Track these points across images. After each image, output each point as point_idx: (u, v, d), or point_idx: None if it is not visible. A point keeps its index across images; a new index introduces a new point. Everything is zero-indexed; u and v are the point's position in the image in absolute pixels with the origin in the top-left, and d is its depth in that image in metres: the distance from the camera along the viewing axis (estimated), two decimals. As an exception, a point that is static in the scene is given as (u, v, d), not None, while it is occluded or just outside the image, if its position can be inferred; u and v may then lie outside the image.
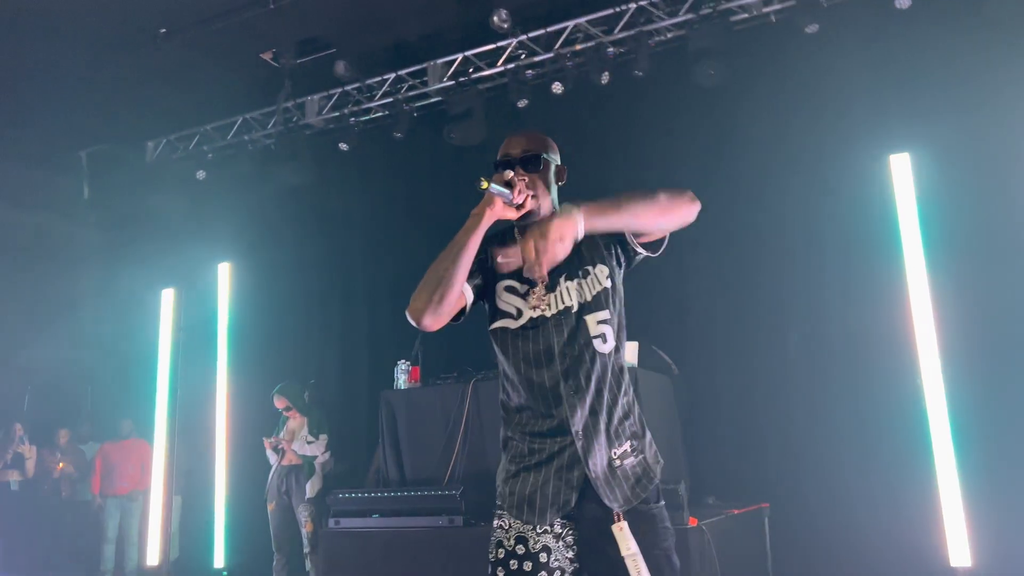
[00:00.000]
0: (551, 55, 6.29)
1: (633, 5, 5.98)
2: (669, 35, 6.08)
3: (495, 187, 1.94)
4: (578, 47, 6.21)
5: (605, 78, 5.98)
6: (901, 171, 5.17)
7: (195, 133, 7.79)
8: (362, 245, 7.42)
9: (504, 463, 2.09)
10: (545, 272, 2.01)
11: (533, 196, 2.04)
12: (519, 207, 2.01)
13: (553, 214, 2.08)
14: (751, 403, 5.54)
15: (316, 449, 6.11)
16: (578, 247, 2.05)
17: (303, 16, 6.22)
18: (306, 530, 5.98)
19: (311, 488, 6.00)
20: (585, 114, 6.42)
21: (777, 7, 5.75)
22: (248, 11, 6.08)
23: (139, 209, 7.79)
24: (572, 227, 1.93)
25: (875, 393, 5.08)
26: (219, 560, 7.08)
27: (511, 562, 1.97)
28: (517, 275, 2.10)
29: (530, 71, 6.39)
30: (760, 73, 5.82)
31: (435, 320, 1.97)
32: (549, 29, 6.28)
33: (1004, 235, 4.92)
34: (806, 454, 5.27)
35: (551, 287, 2.06)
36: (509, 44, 6.44)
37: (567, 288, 2.06)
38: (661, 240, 2.15)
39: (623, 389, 2.08)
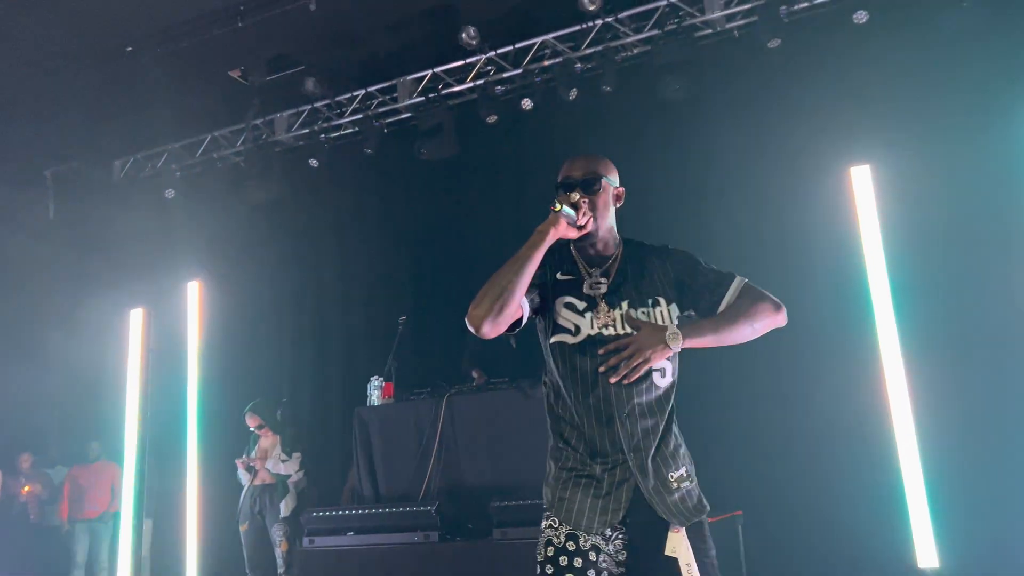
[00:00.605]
0: (520, 71, 6.36)
1: (600, 22, 6.07)
2: (635, 51, 6.18)
3: (566, 210, 2.05)
4: (546, 63, 6.29)
5: (573, 94, 6.06)
6: (862, 182, 5.29)
7: (163, 151, 7.74)
8: (333, 262, 7.40)
9: (554, 470, 2.13)
10: (626, 376, 2.03)
11: (593, 218, 2.13)
12: (580, 228, 2.10)
13: (626, 243, 2.23)
14: (723, 412, 5.60)
15: (290, 467, 6.07)
16: (642, 268, 2.16)
17: (272, 33, 6.22)
18: (281, 550, 5.91)
19: (285, 507, 5.95)
20: (554, 129, 6.49)
21: (740, 23, 5.88)
22: (216, 28, 6.08)
23: (106, 229, 7.70)
24: (665, 355, 2.02)
25: (842, 400, 5.16)
26: (192, 583, 6.98)
27: (561, 558, 2.01)
28: (577, 292, 2.15)
29: (499, 87, 6.46)
30: (724, 87, 5.94)
31: (493, 328, 2.02)
32: (517, 46, 6.36)
33: (962, 244, 5.04)
34: (777, 461, 5.34)
35: (612, 307, 2.12)
36: (478, 60, 6.50)
37: (631, 315, 2.10)
38: None
39: (676, 422, 2.16)
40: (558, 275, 2.19)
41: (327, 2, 5.83)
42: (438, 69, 6.67)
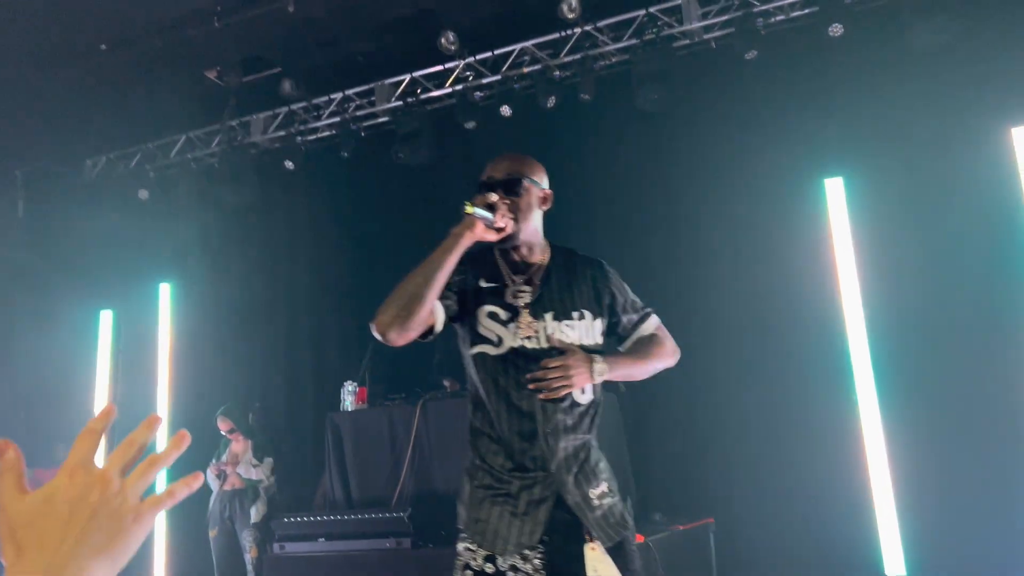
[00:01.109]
0: (498, 77, 6.36)
1: (578, 30, 6.09)
2: (614, 59, 6.21)
3: (479, 211, 1.93)
4: (525, 70, 6.31)
5: (551, 102, 6.08)
6: (835, 195, 5.37)
7: (136, 151, 7.65)
8: (307, 266, 7.35)
9: (469, 489, 2.04)
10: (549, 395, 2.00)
11: (514, 219, 2.03)
12: (499, 230, 2.00)
13: (554, 248, 2.16)
14: (696, 420, 5.64)
15: (261, 473, 6.01)
16: (569, 280, 2.10)
17: (249, 34, 6.17)
18: (251, 555, 5.85)
19: (256, 513, 5.89)
20: (532, 136, 6.50)
21: (717, 34, 5.93)
22: (192, 28, 6.01)
23: (76, 229, 7.59)
24: (588, 381, 2.00)
25: (812, 409, 5.22)
26: (159, 589, 6.89)
27: None
28: (500, 300, 2.06)
29: (478, 93, 6.46)
30: (701, 98, 5.99)
31: (400, 335, 1.92)
32: (496, 52, 6.36)
33: (933, 256, 5.12)
34: (750, 470, 5.39)
35: (535, 317, 2.03)
36: (457, 66, 6.50)
37: (553, 329, 2.03)
38: None
39: (596, 443, 2.10)
40: (481, 282, 2.09)
41: (305, 4, 5.80)
42: (416, 74, 6.66)
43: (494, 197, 2.00)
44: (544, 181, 2.18)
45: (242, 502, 5.97)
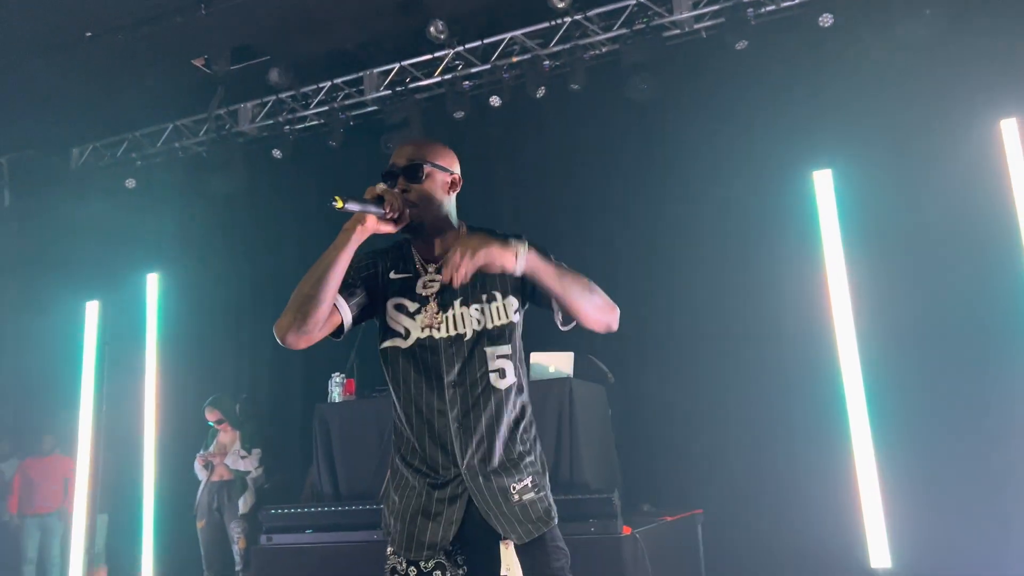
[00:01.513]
0: (488, 66, 6.32)
1: (568, 19, 6.06)
2: (603, 49, 6.18)
3: (352, 204, 1.82)
4: (514, 59, 6.27)
5: (541, 92, 6.05)
6: (824, 187, 5.36)
7: (123, 140, 7.58)
8: (295, 255, 7.29)
9: (390, 492, 1.97)
10: (458, 283, 1.79)
11: (414, 206, 1.94)
12: (396, 221, 1.91)
13: (471, 230, 2.01)
14: (684, 412, 5.65)
15: (249, 464, 5.99)
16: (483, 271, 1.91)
17: (236, 22, 6.11)
18: (239, 547, 5.84)
19: (244, 504, 5.87)
20: (521, 126, 6.48)
21: (708, 24, 5.91)
22: (179, 16, 5.94)
23: (63, 218, 7.53)
24: (510, 260, 1.79)
25: (800, 400, 5.24)
26: (147, 579, 6.87)
27: None
28: (410, 292, 1.98)
29: (467, 82, 6.42)
30: (691, 88, 5.98)
31: (299, 338, 1.85)
32: (486, 41, 6.32)
33: (920, 249, 5.13)
34: (738, 462, 5.40)
35: (443, 306, 1.95)
36: (446, 55, 6.46)
37: (462, 314, 1.95)
38: (569, 321, 2.01)
39: (523, 427, 1.97)
40: (392, 274, 2.01)
41: (293, -8, 5.75)
42: (405, 63, 6.61)
43: (381, 187, 1.92)
44: (454, 166, 2.08)
45: (230, 493, 5.95)
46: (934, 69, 5.24)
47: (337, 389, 5.26)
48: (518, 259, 1.80)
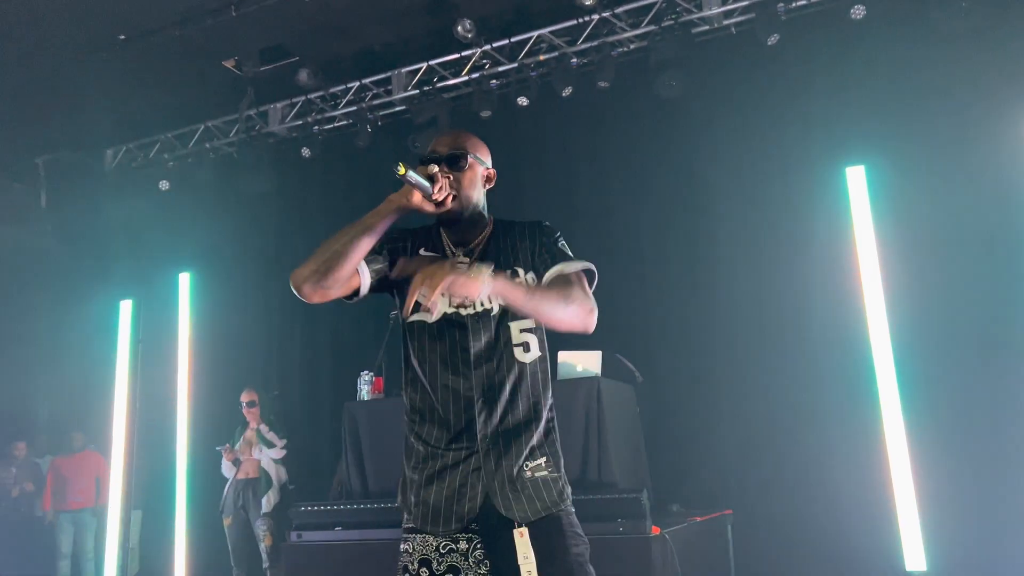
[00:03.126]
0: (515, 65, 6.31)
1: (596, 16, 6.03)
2: (632, 46, 6.14)
3: (412, 175, 1.86)
4: (542, 57, 6.25)
5: (567, 91, 6.03)
6: (857, 183, 5.27)
7: (155, 141, 7.69)
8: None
9: (407, 472, 1.99)
10: (413, 305, 1.79)
11: (455, 196, 1.98)
12: (439, 204, 1.95)
13: (498, 223, 2.08)
14: (714, 411, 5.59)
15: (278, 453, 6.03)
16: (510, 243, 2.02)
17: (266, 23, 6.17)
18: (265, 544, 5.89)
19: (267, 503, 5.92)
20: (548, 124, 6.46)
21: (738, 19, 5.84)
22: (210, 18, 6.01)
23: (97, 218, 7.65)
24: (475, 290, 1.74)
25: (833, 400, 5.16)
26: (180, 574, 6.95)
27: None
28: None
29: (494, 81, 6.42)
30: (720, 84, 5.91)
31: (315, 291, 1.90)
32: (513, 39, 6.31)
33: (956, 247, 5.03)
34: (768, 461, 5.33)
35: None
36: (473, 54, 6.46)
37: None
38: None
39: (546, 404, 2.00)
40: (421, 250, 2.07)
41: (322, -7, 5.79)
42: (433, 62, 6.62)
43: (435, 168, 1.96)
44: (488, 160, 2.13)
45: (255, 491, 6.01)
46: (970, 61, 5.12)
47: (366, 387, 5.28)
48: (482, 288, 1.77)
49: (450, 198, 1.97)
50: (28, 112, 7.04)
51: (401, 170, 1.82)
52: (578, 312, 1.91)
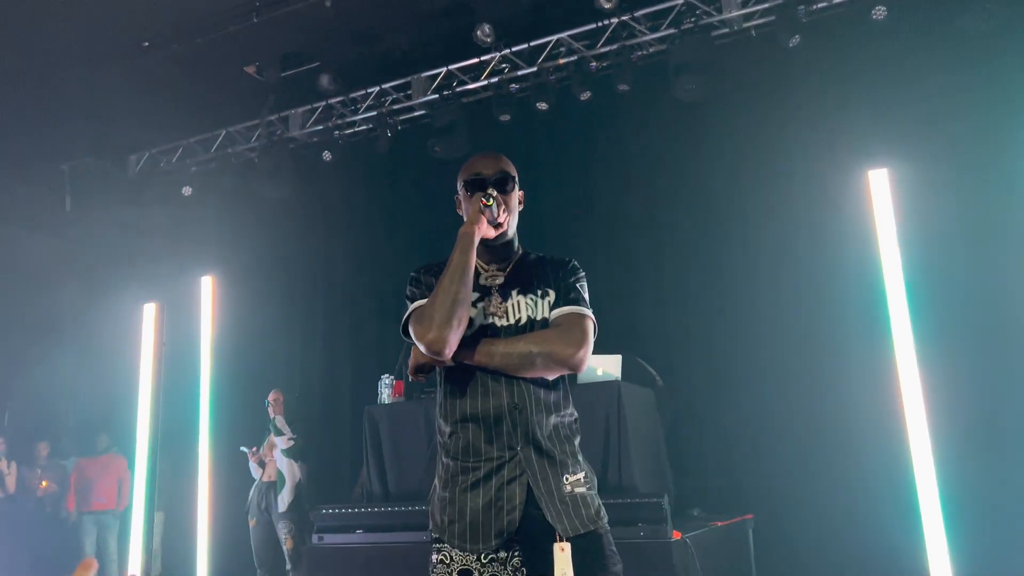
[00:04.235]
0: (534, 69, 6.32)
1: (615, 20, 6.02)
2: (651, 50, 6.13)
3: (492, 208, 1.95)
4: (561, 61, 6.26)
5: (586, 95, 6.03)
6: (879, 186, 5.22)
7: (178, 146, 7.77)
8: (345, 259, 7.40)
9: (438, 491, 1.98)
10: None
11: (505, 216, 2.04)
12: (497, 226, 2.01)
13: (526, 254, 2.14)
14: (735, 415, 5.57)
15: (284, 443, 6.05)
16: (543, 271, 2.06)
17: (287, 29, 6.22)
18: (287, 547, 5.93)
19: (282, 502, 5.96)
20: (568, 127, 6.46)
21: (758, 22, 5.82)
22: (232, 24, 6.08)
23: (121, 222, 7.74)
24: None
25: (856, 406, 5.11)
26: (202, 576, 7.01)
27: None
28: (474, 284, 2.01)
29: (513, 85, 6.43)
30: (740, 88, 5.89)
31: (457, 341, 1.89)
32: (532, 44, 6.32)
33: (981, 249, 4.97)
34: (790, 466, 5.30)
35: (504, 296, 2.02)
36: (493, 58, 6.48)
37: (519, 302, 2.02)
38: None
39: (573, 416, 2.03)
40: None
41: (342, -1, 5.83)
42: (452, 67, 6.65)
43: (495, 192, 2.02)
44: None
45: (276, 493, 6.05)
46: (993, 63, 5.08)
47: (387, 391, 5.30)
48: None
49: (505, 220, 2.03)
50: (53, 119, 7.13)
51: (490, 201, 1.92)
52: (544, 367, 1.94)
